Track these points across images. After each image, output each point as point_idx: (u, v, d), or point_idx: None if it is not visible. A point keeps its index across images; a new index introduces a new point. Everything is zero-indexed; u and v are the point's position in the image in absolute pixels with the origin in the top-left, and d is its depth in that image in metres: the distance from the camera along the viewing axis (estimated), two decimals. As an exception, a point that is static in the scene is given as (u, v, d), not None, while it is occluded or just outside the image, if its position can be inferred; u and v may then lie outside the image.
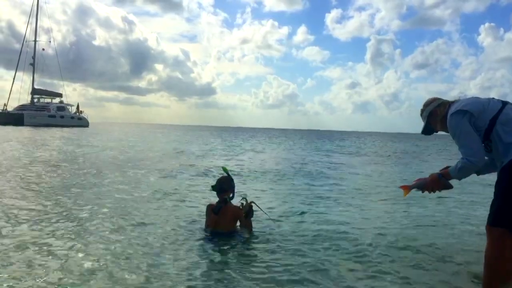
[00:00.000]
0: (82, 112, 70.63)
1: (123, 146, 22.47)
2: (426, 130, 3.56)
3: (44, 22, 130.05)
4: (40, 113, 61.91)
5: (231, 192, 4.90)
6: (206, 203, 5.34)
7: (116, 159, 14.82)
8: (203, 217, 5.20)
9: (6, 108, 61.84)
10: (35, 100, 65.83)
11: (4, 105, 62.26)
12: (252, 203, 4.81)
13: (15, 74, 64.61)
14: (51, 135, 32.62)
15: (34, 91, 65.41)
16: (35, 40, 65.72)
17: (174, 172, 11.22)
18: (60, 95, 68.76)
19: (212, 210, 4.84)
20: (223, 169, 5.16)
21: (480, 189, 8.84)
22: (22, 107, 62.34)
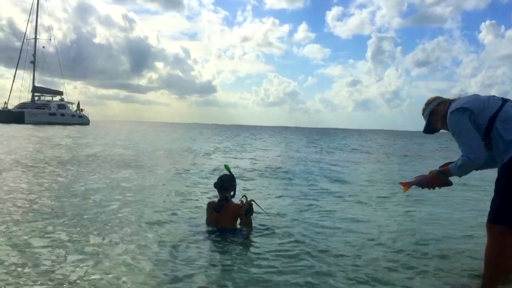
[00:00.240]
0: (82, 110, 70.65)
1: (130, 145, 22.41)
2: (428, 129, 3.57)
3: (45, 20, 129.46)
4: (40, 111, 61.84)
5: (232, 190, 4.93)
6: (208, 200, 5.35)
7: (125, 157, 14.80)
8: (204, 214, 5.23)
9: (7, 106, 61.82)
10: (36, 98, 65.77)
11: (5, 103, 62.28)
12: (252, 202, 4.82)
13: (15, 72, 64.61)
14: (53, 133, 32.59)
15: (35, 89, 65.34)
16: (36, 38, 65.62)
17: (184, 171, 11.20)
18: (60, 93, 68.70)
19: (213, 208, 4.87)
20: (225, 167, 5.18)
21: (481, 186, 8.86)
22: (22, 105, 62.28)
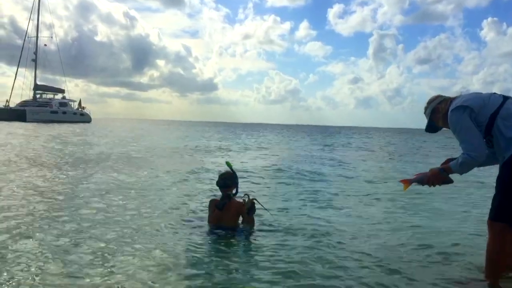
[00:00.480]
0: (84, 108, 70.68)
1: (137, 143, 22.34)
2: (430, 128, 3.58)
3: (46, 18, 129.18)
4: (42, 109, 61.88)
5: (235, 188, 4.90)
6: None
7: (135, 155, 14.80)
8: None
9: (9, 104, 61.90)
10: (38, 96, 65.83)
11: (7, 101, 62.37)
12: (254, 200, 4.81)
13: (17, 70, 64.66)
14: (59, 131, 32.56)
15: (37, 87, 65.37)
16: (37, 36, 65.63)
17: (191, 169, 11.12)
18: (62, 91, 68.73)
19: (215, 205, 4.84)
20: (227, 163, 5.11)
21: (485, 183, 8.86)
22: (24, 103, 62.32)
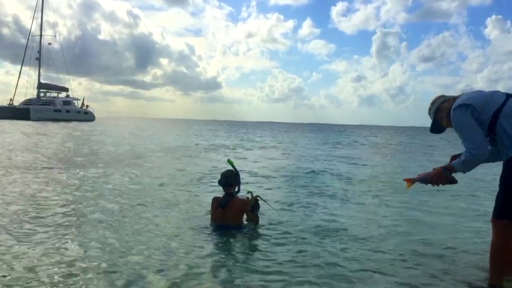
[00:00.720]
0: (88, 106, 70.95)
1: (145, 142, 22.39)
2: (434, 128, 3.55)
3: (50, 17, 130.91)
4: (46, 107, 62.16)
5: (237, 186, 4.90)
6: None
7: (143, 154, 14.85)
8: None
9: (12, 103, 62.22)
10: (41, 94, 66.12)
11: (10, 99, 62.72)
12: (258, 197, 4.80)
13: (21, 69, 65.08)
14: (67, 130, 32.70)
15: (40, 86, 65.70)
16: (41, 35, 66.06)
17: (198, 169, 11.07)
18: (66, 90, 69.04)
19: (218, 204, 4.83)
20: (229, 161, 5.10)
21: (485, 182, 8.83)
22: (28, 102, 62.64)
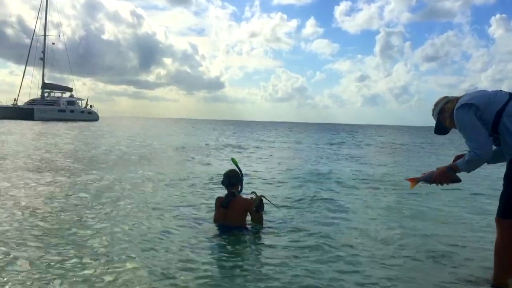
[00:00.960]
0: (92, 106, 71.09)
1: (159, 142, 22.51)
2: (438, 129, 3.54)
3: (54, 17, 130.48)
4: (50, 107, 62.27)
5: (240, 185, 4.89)
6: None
7: (150, 154, 14.97)
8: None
9: (17, 103, 62.38)
10: (46, 94, 66.29)
11: (15, 100, 62.86)
12: (262, 197, 4.78)
13: (25, 69, 65.10)
14: (77, 131, 32.80)
15: (44, 86, 65.83)
16: (45, 35, 66.06)
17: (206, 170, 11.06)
18: (70, 90, 69.16)
19: (220, 203, 4.83)
20: (232, 160, 5.10)
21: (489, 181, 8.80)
22: (32, 102, 62.78)
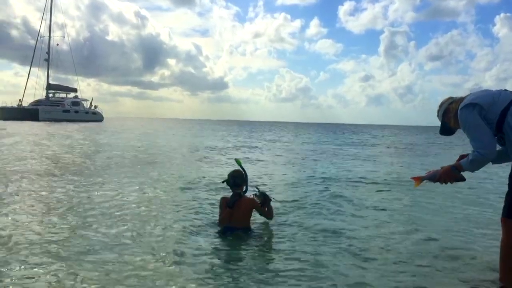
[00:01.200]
0: (96, 107, 71.36)
1: (170, 143, 22.61)
2: (444, 130, 3.53)
3: (58, 18, 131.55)
4: (54, 108, 62.57)
5: (245, 186, 4.89)
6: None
7: (158, 155, 15.02)
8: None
9: (22, 104, 62.66)
10: (50, 95, 66.57)
11: (20, 100, 63.19)
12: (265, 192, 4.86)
13: (30, 70, 65.48)
14: (83, 131, 32.92)
15: (49, 87, 66.16)
16: (50, 36, 66.49)
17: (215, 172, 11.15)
18: (75, 90, 69.53)
19: (226, 203, 4.81)
20: (236, 161, 5.10)
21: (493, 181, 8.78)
22: (37, 103, 63.09)
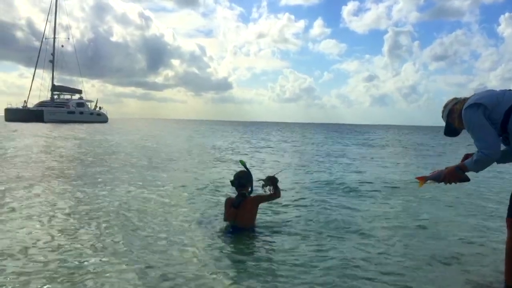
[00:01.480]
0: (101, 108, 71.57)
1: (176, 143, 22.80)
2: (448, 131, 3.53)
3: (63, 20, 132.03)
4: (59, 109, 62.78)
5: (250, 186, 4.91)
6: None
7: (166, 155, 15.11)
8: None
9: (26, 105, 62.92)
10: (55, 96, 66.81)
11: (24, 101, 63.43)
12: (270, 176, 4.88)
13: (35, 71, 65.62)
14: (91, 131, 33.04)
15: (54, 88, 66.38)
16: (54, 38, 66.65)
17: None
18: (79, 92, 69.74)
19: (231, 204, 4.84)
20: (241, 162, 5.12)
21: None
22: (42, 104, 63.32)
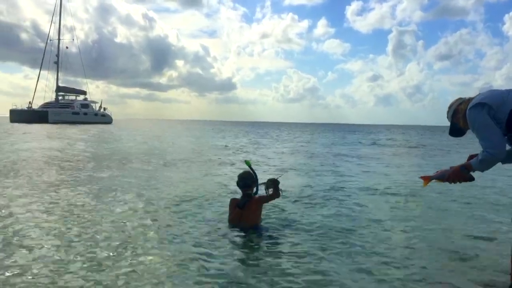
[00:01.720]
0: (105, 109, 71.80)
1: (186, 143, 22.92)
2: (453, 131, 3.52)
3: (67, 21, 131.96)
4: (64, 110, 63.06)
5: (255, 186, 4.93)
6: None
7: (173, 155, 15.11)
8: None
9: (31, 106, 63.21)
10: (60, 97, 67.11)
11: (29, 102, 63.74)
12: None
13: (39, 73, 65.97)
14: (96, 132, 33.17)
15: (59, 89, 66.71)
16: (59, 39, 66.94)
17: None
18: (84, 93, 70.03)
19: (236, 204, 4.85)
20: (246, 162, 5.13)
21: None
22: (46, 105, 63.62)
